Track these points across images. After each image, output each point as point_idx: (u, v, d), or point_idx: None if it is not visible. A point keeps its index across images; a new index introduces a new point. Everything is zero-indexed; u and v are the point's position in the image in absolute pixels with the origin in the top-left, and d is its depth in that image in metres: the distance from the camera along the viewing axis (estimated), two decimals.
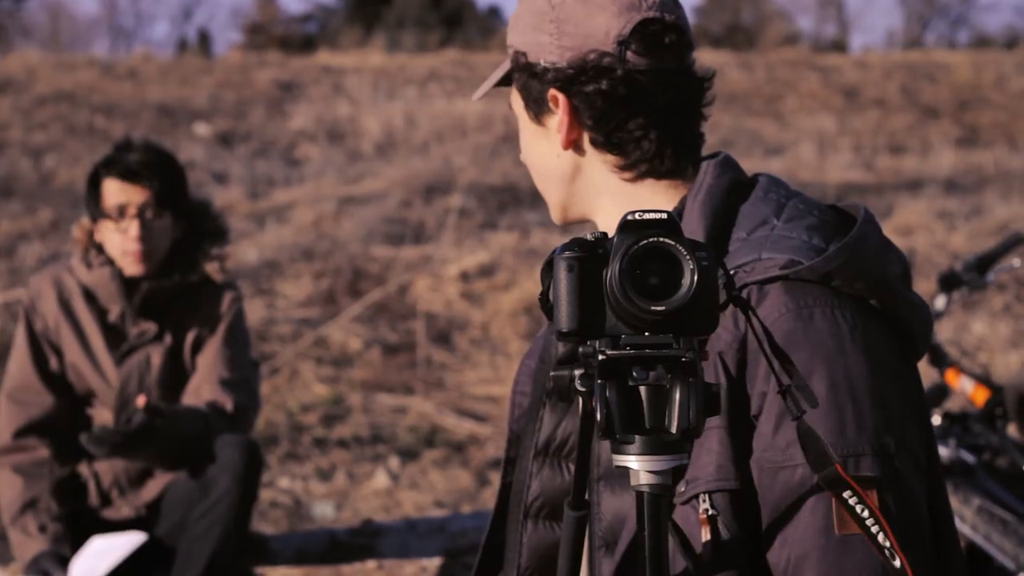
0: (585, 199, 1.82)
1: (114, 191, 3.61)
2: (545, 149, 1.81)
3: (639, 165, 1.77)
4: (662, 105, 1.75)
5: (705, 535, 1.55)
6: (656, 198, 1.77)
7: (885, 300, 1.63)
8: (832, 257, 1.59)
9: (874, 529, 1.47)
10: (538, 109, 1.79)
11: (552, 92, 1.75)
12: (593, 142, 1.77)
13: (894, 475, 1.54)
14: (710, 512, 1.55)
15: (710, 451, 1.57)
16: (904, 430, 1.58)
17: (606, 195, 1.79)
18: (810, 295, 1.59)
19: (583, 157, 1.79)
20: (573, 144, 1.78)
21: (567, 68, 1.74)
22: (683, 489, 1.57)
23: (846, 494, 1.47)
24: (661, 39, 1.74)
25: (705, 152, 1.83)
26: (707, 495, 1.56)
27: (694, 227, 1.68)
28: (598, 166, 1.79)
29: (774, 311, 1.58)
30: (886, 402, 1.56)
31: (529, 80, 1.78)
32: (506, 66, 1.82)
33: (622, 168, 1.77)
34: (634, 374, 1.36)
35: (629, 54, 1.72)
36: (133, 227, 3.60)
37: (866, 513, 1.47)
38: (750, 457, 1.56)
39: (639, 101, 1.74)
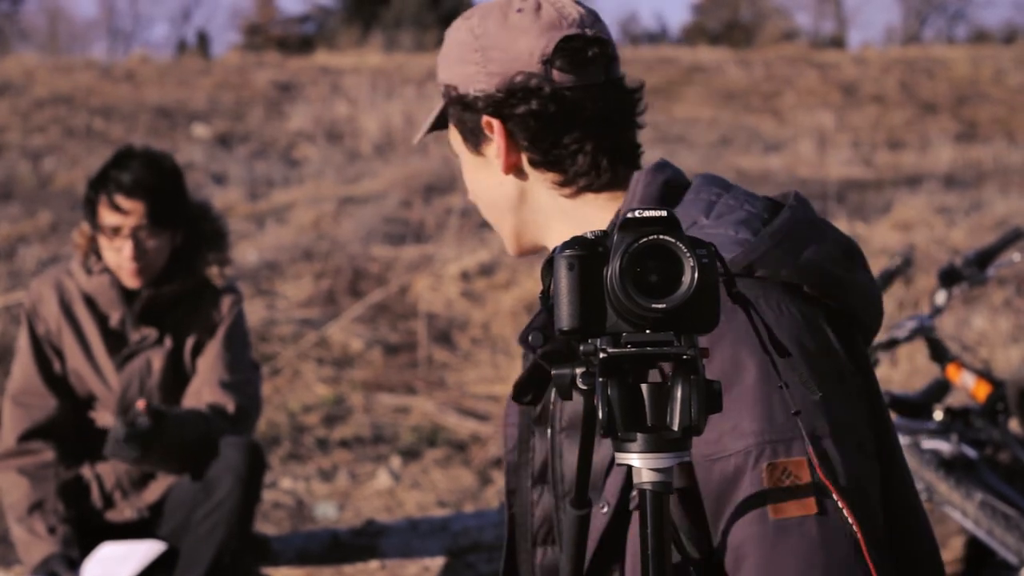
0: (534, 223, 1.86)
1: (107, 213, 3.56)
2: (488, 178, 1.86)
3: (578, 180, 1.81)
4: (592, 118, 1.79)
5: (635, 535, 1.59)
6: (599, 212, 1.81)
7: (816, 285, 1.63)
8: (752, 248, 1.61)
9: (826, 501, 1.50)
10: (475, 139, 1.84)
11: (486, 119, 1.80)
12: (532, 162, 1.82)
13: (826, 456, 1.53)
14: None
15: None
16: (838, 412, 1.57)
17: (553, 216, 1.84)
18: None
19: (525, 181, 1.84)
20: (513, 168, 1.82)
21: (496, 93, 1.79)
22: (634, 493, 1.51)
23: (783, 478, 1.51)
24: (584, 54, 1.78)
25: (704, 152, 1.83)
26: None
27: None
28: (540, 186, 1.83)
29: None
30: (816, 387, 1.53)
31: (463, 112, 1.83)
32: (440, 105, 1.88)
33: (562, 184, 1.82)
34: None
35: (554, 72, 1.77)
36: (127, 247, 3.56)
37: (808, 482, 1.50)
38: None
39: (570, 116, 1.79)
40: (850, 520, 1.50)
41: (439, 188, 10.55)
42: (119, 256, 3.58)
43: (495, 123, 1.80)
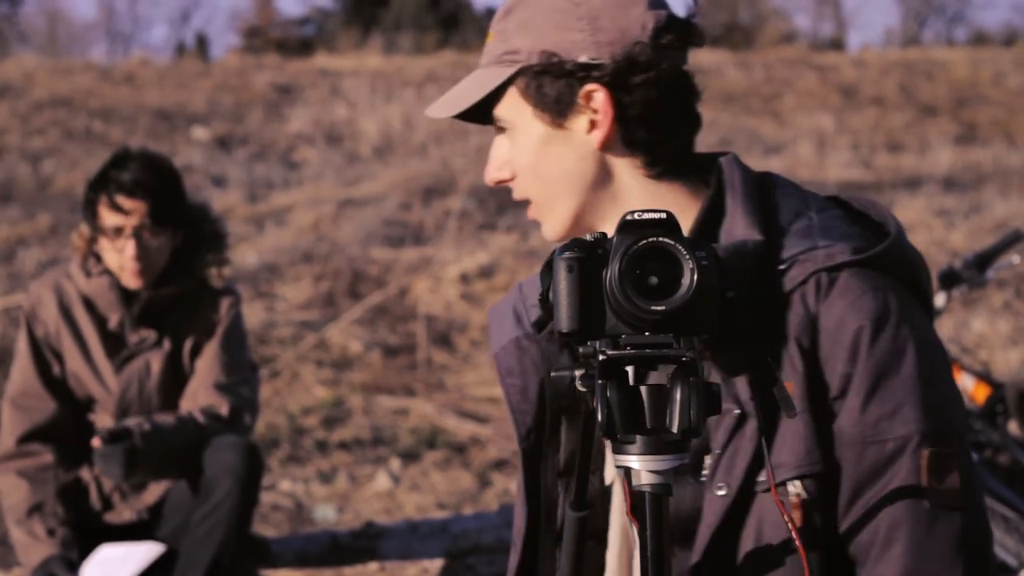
0: (604, 204, 1.74)
1: (108, 213, 3.57)
2: (563, 153, 1.73)
3: (663, 163, 1.73)
4: (691, 101, 1.74)
5: (798, 520, 1.57)
6: (679, 198, 1.74)
7: (916, 283, 1.70)
8: (891, 245, 1.65)
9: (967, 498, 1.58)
10: (559, 110, 1.71)
11: (588, 89, 1.68)
12: (626, 140, 1.71)
13: (967, 451, 1.62)
14: (803, 496, 1.57)
15: (796, 435, 1.59)
16: (960, 409, 1.67)
17: (635, 198, 1.73)
18: (875, 279, 1.63)
19: (611, 159, 1.73)
20: (604, 144, 1.71)
21: (611, 63, 1.68)
22: (763, 477, 1.58)
23: (940, 468, 1.57)
24: (688, 33, 1.73)
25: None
26: (797, 480, 1.58)
27: (745, 224, 1.66)
28: (626, 167, 1.73)
29: (852, 292, 1.61)
30: (953, 383, 1.66)
31: (552, 81, 1.69)
32: (502, 73, 1.72)
33: (648, 165, 1.73)
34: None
35: (663, 49, 1.70)
36: (129, 247, 3.57)
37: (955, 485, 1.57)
38: (830, 438, 1.59)
39: (675, 96, 1.72)
40: (984, 518, 1.60)
41: (438, 190, 10.55)
42: (122, 257, 3.59)
43: (602, 94, 1.68)
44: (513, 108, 1.73)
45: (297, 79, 16.04)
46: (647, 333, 1.40)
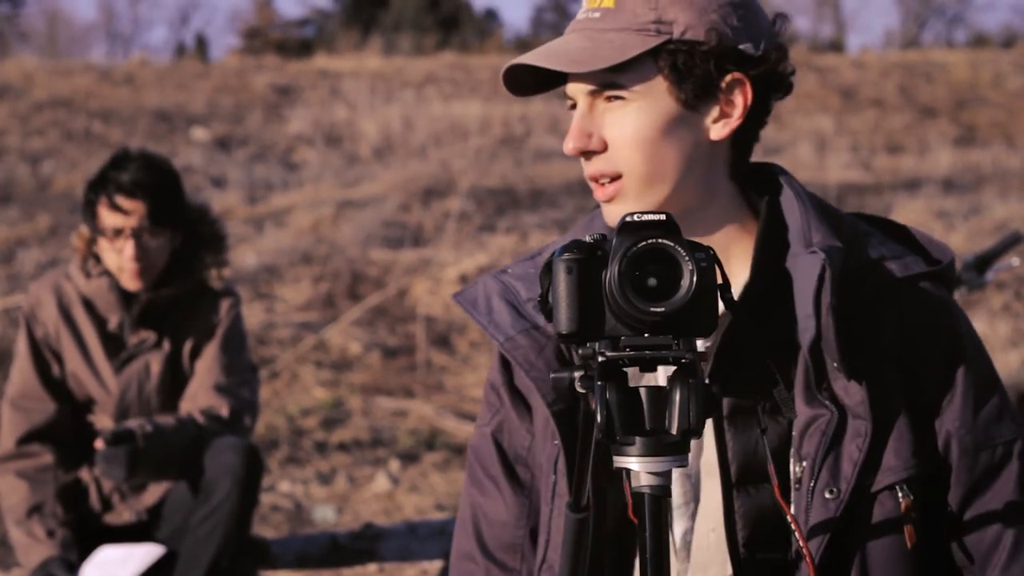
0: (693, 197, 1.70)
1: (108, 214, 3.58)
2: (684, 136, 1.67)
3: (744, 166, 1.75)
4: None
5: (908, 523, 1.59)
6: (738, 201, 1.74)
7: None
8: (953, 261, 1.73)
9: None
10: (699, 93, 1.65)
11: (734, 77, 1.66)
12: (738, 139, 1.70)
13: None
14: (911, 498, 1.59)
15: (901, 439, 1.61)
16: None
17: (717, 195, 1.71)
18: (944, 290, 1.71)
19: (718, 152, 1.70)
20: (727, 136, 1.69)
21: (763, 57, 1.67)
22: (870, 481, 1.60)
23: None
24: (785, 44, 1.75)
25: None
26: (903, 483, 1.60)
27: (824, 232, 1.66)
28: (722, 164, 1.71)
29: (936, 302, 1.67)
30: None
31: (703, 61, 1.64)
32: (648, 41, 1.64)
33: (736, 166, 1.73)
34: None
35: (787, 55, 1.72)
36: (128, 247, 3.57)
37: None
38: (932, 442, 1.63)
39: (771, 99, 1.73)
40: None
41: (438, 192, 10.54)
42: (121, 257, 3.59)
43: (747, 87, 1.66)
44: (644, 79, 1.65)
45: (296, 80, 16.03)
46: (646, 334, 1.40)
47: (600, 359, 1.40)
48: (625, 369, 1.42)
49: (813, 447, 1.60)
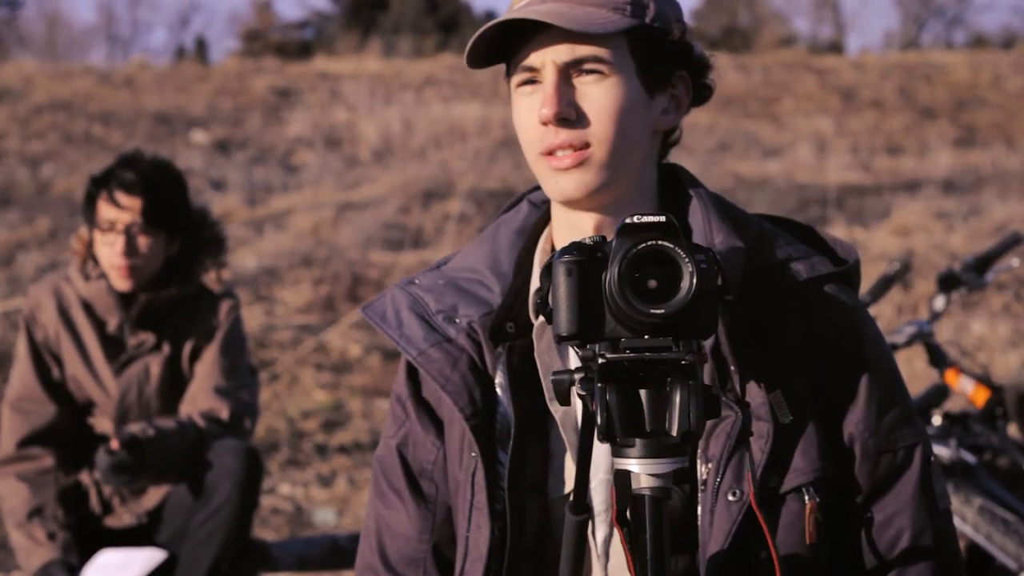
0: (631, 186, 1.71)
1: (105, 207, 3.60)
2: (642, 121, 1.69)
3: (659, 163, 1.77)
4: None
5: (810, 524, 1.59)
6: (654, 198, 1.76)
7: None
8: (857, 262, 1.73)
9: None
10: (657, 80, 1.69)
11: (682, 74, 1.71)
12: (666, 135, 1.75)
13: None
14: (816, 500, 1.60)
15: (809, 440, 1.61)
16: None
17: (645, 188, 1.73)
18: (852, 291, 1.73)
19: (654, 144, 1.73)
20: (671, 129, 1.75)
21: (703, 58, 1.73)
22: (775, 483, 1.60)
23: (935, 471, 1.68)
24: None
25: (702, 158, 1.83)
26: (809, 485, 1.60)
27: (726, 232, 1.67)
28: (652, 157, 1.74)
29: (843, 304, 1.68)
30: None
31: (662, 51, 1.68)
32: (624, 21, 1.65)
33: (659, 163, 1.76)
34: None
35: None
36: (119, 242, 3.58)
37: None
38: (837, 444, 1.63)
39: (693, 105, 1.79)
40: None
41: (437, 194, 10.55)
42: (111, 252, 3.60)
43: (690, 85, 1.72)
44: (620, 57, 1.66)
45: (296, 83, 16.04)
46: (646, 336, 1.40)
47: (600, 361, 1.40)
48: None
49: (719, 448, 1.60)
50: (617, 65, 1.65)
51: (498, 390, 1.70)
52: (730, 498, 1.58)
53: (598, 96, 1.65)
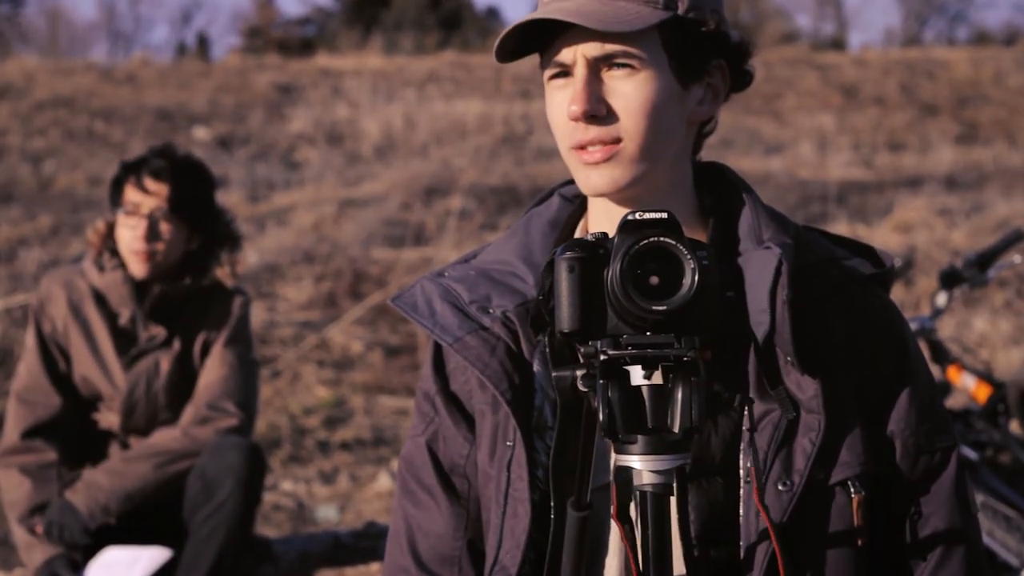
0: (666, 178, 1.71)
1: (132, 190, 3.66)
2: (676, 113, 1.68)
3: (695, 155, 1.78)
4: None
5: (858, 519, 1.60)
6: (692, 191, 1.77)
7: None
8: (894, 266, 1.75)
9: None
10: (692, 72, 1.68)
11: (719, 63, 1.71)
12: (705, 122, 1.75)
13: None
14: (863, 494, 1.61)
15: (855, 435, 1.62)
16: None
17: (685, 179, 1.74)
18: (887, 294, 1.75)
19: (689, 135, 1.73)
20: (707, 120, 1.75)
21: (742, 45, 1.73)
22: (822, 475, 1.61)
23: (964, 474, 1.73)
24: None
25: (705, 154, 1.83)
26: (855, 479, 1.61)
27: (774, 228, 1.69)
28: (687, 148, 1.74)
29: (883, 306, 1.70)
30: None
31: (696, 41, 1.67)
32: (655, 14, 1.64)
33: (696, 154, 1.77)
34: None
35: None
36: (141, 226, 3.62)
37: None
38: (881, 441, 1.65)
39: (732, 93, 1.79)
40: None
41: (439, 190, 10.54)
42: (132, 236, 3.62)
43: (727, 73, 1.72)
44: (651, 50, 1.65)
45: (298, 79, 16.04)
46: (648, 333, 1.40)
47: (602, 357, 1.40)
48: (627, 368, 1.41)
49: (765, 441, 1.60)
50: (649, 59, 1.64)
51: (537, 378, 1.69)
52: (780, 488, 1.58)
53: (629, 91, 1.64)
